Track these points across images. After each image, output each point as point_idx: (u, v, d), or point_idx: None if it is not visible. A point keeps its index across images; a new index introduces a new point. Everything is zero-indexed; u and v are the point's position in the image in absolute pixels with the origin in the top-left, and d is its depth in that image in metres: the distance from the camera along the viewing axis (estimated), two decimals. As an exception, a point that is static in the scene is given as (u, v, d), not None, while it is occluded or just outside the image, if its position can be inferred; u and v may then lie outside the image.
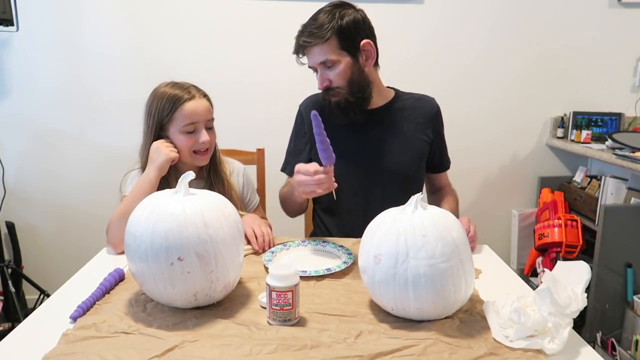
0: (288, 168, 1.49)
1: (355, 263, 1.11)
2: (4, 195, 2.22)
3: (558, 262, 0.91)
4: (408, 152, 1.41)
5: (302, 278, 0.98)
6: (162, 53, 2.22)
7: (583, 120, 2.35)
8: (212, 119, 1.32)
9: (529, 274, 2.31)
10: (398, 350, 0.77)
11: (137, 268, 0.87)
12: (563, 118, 2.37)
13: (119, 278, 1.02)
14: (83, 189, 2.32)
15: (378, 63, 1.39)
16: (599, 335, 1.96)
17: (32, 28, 2.16)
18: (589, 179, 2.25)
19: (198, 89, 1.31)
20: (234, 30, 2.23)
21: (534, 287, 0.92)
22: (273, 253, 1.16)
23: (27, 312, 2.16)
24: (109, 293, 0.98)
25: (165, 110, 1.26)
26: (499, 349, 0.79)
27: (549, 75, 2.35)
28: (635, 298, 1.92)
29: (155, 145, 1.26)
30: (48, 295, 2.16)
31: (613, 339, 1.92)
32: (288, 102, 2.18)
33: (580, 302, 0.81)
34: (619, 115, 2.35)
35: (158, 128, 1.28)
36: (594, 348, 1.70)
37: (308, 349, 0.78)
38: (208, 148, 1.31)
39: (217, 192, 1.00)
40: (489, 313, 0.87)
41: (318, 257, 1.18)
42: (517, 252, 2.45)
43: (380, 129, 1.40)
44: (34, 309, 0.94)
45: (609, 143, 2.14)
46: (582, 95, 2.38)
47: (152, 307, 0.91)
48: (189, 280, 0.85)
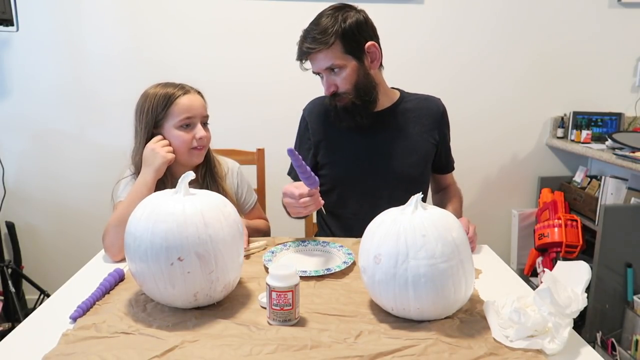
0: (293, 173, 1.49)
1: (355, 263, 1.11)
2: (4, 195, 2.22)
3: (558, 262, 0.91)
4: (414, 154, 1.40)
5: (302, 278, 0.98)
6: (162, 53, 2.23)
7: (583, 120, 2.34)
8: (207, 116, 1.30)
9: (529, 274, 2.31)
10: (398, 350, 0.77)
11: (137, 268, 0.88)
12: (563, 118, 2.37)
13: (119, 278, 1.02)
14: (83, 189, 2.33)
15: (382, 64, 1.37)
16: (599, 335, 1.95)
17: (32, 28, 2.16)
18: (589, 179, 2.25)
19: (191, 87, 1.29)
20: (234, 31, 2.23)
21: (534, 287, 0.92)
22: (273, 253, 1.16)
23: (27, 312, 2.16)
24: (109, 293, 0.98)
25: (160, 107, 1.23)
26: (499, 349, 0.79)
27: (549, 75, 2.35)
28: (635, 298, 1.92)
29: (150, 147, 1.22)
30: (48, 295, 2.16)
31: (613, 339, 1.92)
32: (288, 102, 2.20)
33: (580, 302, 0.81)
34: (619, 115, 2.35)
35: (151, 127, 1.24)
36: (594, 348, 1.69)
37: (308, 349, 0.78)
38: (204, 145, 1.29)
39: None
40: (489, 313, 0.87)
41: (318, 257, 1.18)
42: (517, 252, 2.45)
43: (387, 132, 1.39)
44: (34, 309, 0.94)
45: (609, 143, 2.14)
46: (582, 95, 2.38)
47: (152, 307, 0.91)
48: (189, 280, 0.85)
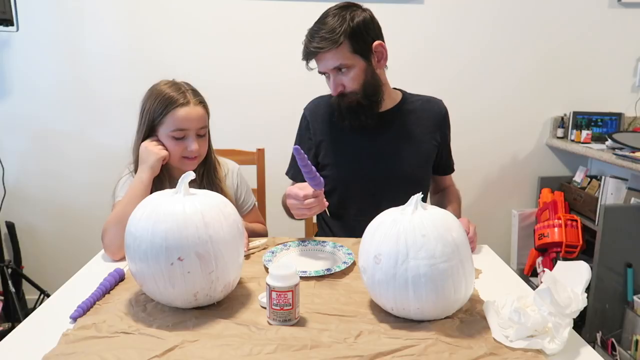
0: (291, 172, 1.49)
1: (355, 263, 1.11)
2: (4, 195, 2.22)
3: (558, 262, 0.91)
4: (417, 156, 1.40)
5: (302, 278, 0.98)
6: (162, 53, 2.23)
7: (583, 120, 2.34)
8: (204, 127, 1.26)
9: (529, 274, 2.31)
10: (398, 350, 0.77)
11: (137, 268, 0.88)
12: (563, 118, 2.37)
13: (119, 278, 1.02)
14: (83, 189, 2.33)
15: (386, 64, 1.37)
16: (599, 335, 1.95)
17: (32, 28, 2.16)
18: (589, 179, 2.25)
19: (196, 94, 1.25)
20: (235, 31, 2.23)
21: (534, 287, 0.92)
22: (273, 253, 1.16)
23: (27, 312, 2.16)
24: (109, 293, 0.98)
25: (157, 111, 1.21)
26: (499, 349, 0.79)
27: (549, 75, 2.35)
28: (635, 298, 1.92)
29: (144, 146, 1.22)
30: (48, 295, 2.16)
31: (613, 339, 1.92)
32: (288, 102, 2.20)
33: (580, 302, 0.81)
34: (619, 115, 2.35)
35: (149, 127, 1.24)
36: (594, 348, 1.69)
37: (308, 349, 0.78)
38: (197, 156, 1.26)
39: None
40: (489, 313, 0.87)
41: (318, 257, 1.18)
42: (517, 252, 2.45)
43: (390, 133, 1.38)
44: (34, 309, 0.94)
45: (609, 143, 2.14)
46: (582, 95, 2.38)
47: (152, 307, 0.91)
48: (189, 280, 0.85)
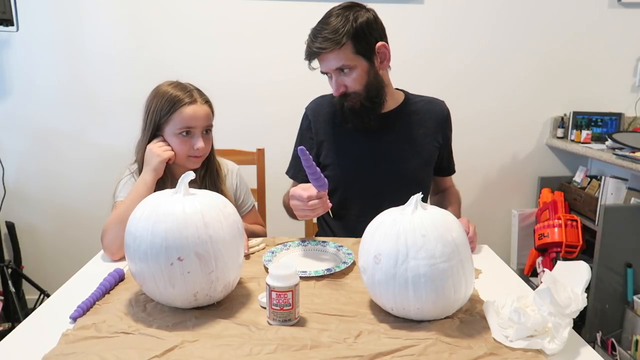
0: (291, 171, 1.49)
1: (355, 263, 1.11)
2: (4, 195, 2.22)
3: (558, 262, 0.91)
4: (418, 157, 1.39)
5: (302, 278, 0.98)
6: (162, 53, 2.23)
7: (583, 120, 2.34)
8: (210, 126, 1.28)
9: (529, 274, 2.31)
10: (398, 350, 0.77)
11: (137, 268, 0.87)
12: (563, 118, 2.37)
13: (119, 278, 1.02)
14: (83, 189, 2.32)
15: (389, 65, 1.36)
16: (599, 335, 1.95)
17: (32, 28, 2.16)
18: (589, 179, 2.25)
19: (201, 94, 1.27)
20: (235, 31, 2.23)
21: (534, 287, 0.92)
22: (273, 253, 1.16)
23: (27, 312, 2.16)
24: (109, 293, 0.98)
25: (164, 110, 1.22)
26: (499, 349, 0.79)
27: (549, 75, 2.35)
28: (635, 298, 1.92)
29: (149, 148, 1.24)
30: (48, 295, 2.16)
31: (613, 339, 1.92)
32: (288, 102, 2.20)
33: (580, 302, 0.81)
34: (619, 115, 2.35)
35: (155, 127, 1.25)
36: (594, 348, 1.69)
37: (308, 349, 0.78)
38: (202, 154, 1.27)
39: None
40: (489, 313, 0.87)
41: (318, 257, 1.18)
42: (517, 252, 2.45)
43: (392, 134, 1.38)
44: (34, 309, 0.94)
45: (609, 143, 2.14)
46: (582, 95, 2.38)
47: (152, 307, 0.91)
48: (189, 280, 0.85)
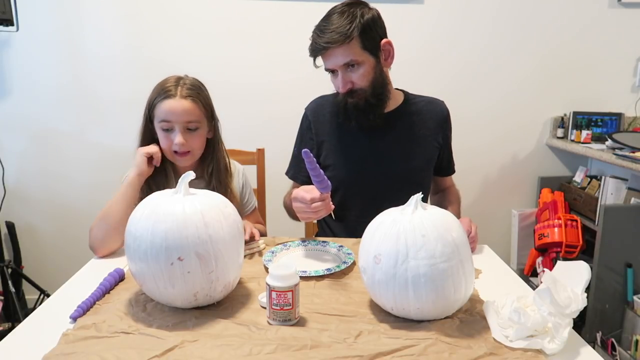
0: (291, 172, 1.48)
1: (355, 263, 1.11)
2: (4, 195, 2.22)
3: (558, 262, 0.91)
4: (418, 158, 1.39)
5: (302, 278, 0.98)
6: (162, 53, 2.22)
7: (583, 120, 2.34)
8: (193, 122, 1.24)
9: (529, 274, 2.31)
10: (398, 350, 0.77)
11: (137, 268, 0.87)
12: (563, 118, 2.37)
13: (119, 278, 1.02)
14: (83, 189, 2.32)
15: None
16: (599, 335, 1.95)
17: (32, 28, 2.16)
18: (589, 179, 2.25)
19: (191, 87, 1.25)
20: (235, 30, 2.23)
21: (534, 287, 0.92)
22: (273, 253, 1.16)
23: (27, 312, 2.16)
24: (109, 293, 0.98)
25: (153, 101, 1.25)
26: (499, 349, 0.79)
27: (549, 75, 2.35)
28: (635, 298, 1.92)
29: (137, 149, 1.26)
30: (48, 295, 2.16)
31: (613, 339, 1.92)
32: (288, 102, 2.20)
33: (580, 302, 0.81)
34: (619, 115, 2.35)
35: (147, 119, 1.27)
36: (594, 348, 1.69)
37: (308, 349, 0.78)
38: (189, 151, 1.26)
39: None
40: (489, 313, 0.87)
41: (318, 257, 1.18)
42: (517, 252, 2.45)
43: (392, 134, 1.38)
44: (34, 309, 0.94)
45: (609, 143, 2.14)
46: (582, 95, 2.38)
47: (152, 307, 0.91)
48: (189, 280, 0.85)
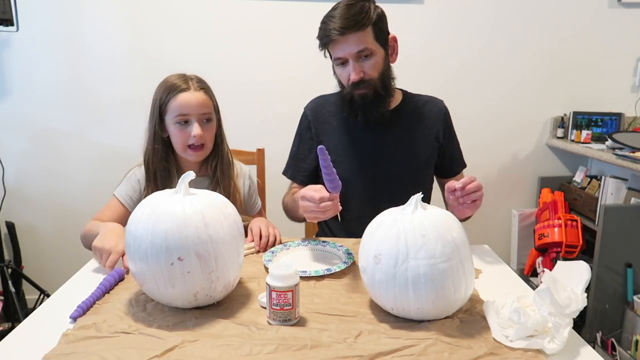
0: (290, 172, 1.48)
1: (355, 263, 1.11)
2: (4, 195, 2.22)
3: (558, 262, 0.91)
4: (418, 157, 1.39)
5: (302, 278, 0.97)
6: (162, 53, 2.22)
7: (583, 120, 2.34)
8: (208, 113, 1.27)
9: (529, 274, 2.31)
10: (398, 350, 0.77)
11: (137, 268, 0.87)
12: (563, 118, 2.37)
13: (119, 278, 1.02)
14: (83, 189, 2.32)
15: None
16: (599, 335, 1.95)
17: (32, 28, 2.16)
18: (589, 179, 2.25)
19: (200, 81, 1.29)
20: (235, 30, 2.23)
21: (534, 287, 0.92)
22: (273, 253, 1.16)
23: (27, 312, 2.16)
24: (109, 293, 0.98)
25: (162, 99, 1.25)
26: (499, 349, 0.79)
27: (549, 75, 2.35)
28: (635, 298, 1.92)
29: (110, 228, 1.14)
30: (48, 295, 2.16)
31: (613, 339, 1.92)
32: (288, 101, 2.20)
33: (580, 302, 0.81)
34: (619, 115, 2.35)
35: (158, 117, 1.27)
36: (594, 348, 1.69)
37: (308, 349, 0.78)
38: (203, 144, 1.27)
39: (221, 192, 0.96)
40: (489, 313, 0.87)
41: (318, 257, 1.18)
42: (517, 252, 2.45)
43: (391, 134, 1.38)
44: (34, 309, 0.94)
45: (609, 143, 2.14)
46: (582, 95, 2.38)
47: (152, 307, 0.91)
48: (189, 280, 0.85)
